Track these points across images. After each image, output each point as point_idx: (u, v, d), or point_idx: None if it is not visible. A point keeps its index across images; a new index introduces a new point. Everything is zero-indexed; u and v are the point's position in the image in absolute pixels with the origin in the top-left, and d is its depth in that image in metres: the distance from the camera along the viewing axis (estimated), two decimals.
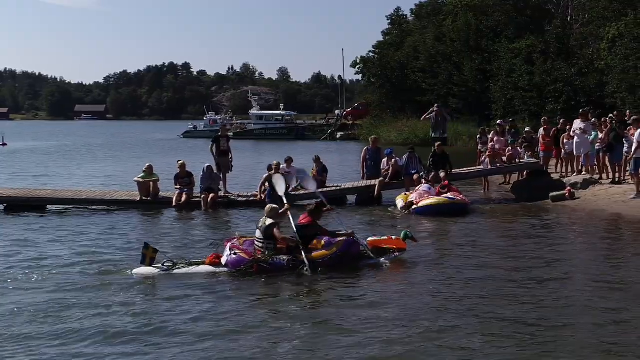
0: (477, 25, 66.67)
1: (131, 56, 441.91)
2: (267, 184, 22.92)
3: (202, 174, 24.16)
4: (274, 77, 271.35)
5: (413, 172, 24.56)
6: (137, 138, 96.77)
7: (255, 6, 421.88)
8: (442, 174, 24.03)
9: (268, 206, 15.19)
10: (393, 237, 15.36)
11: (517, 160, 26.21)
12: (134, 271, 14.13)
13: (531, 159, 26.28)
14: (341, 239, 14.81)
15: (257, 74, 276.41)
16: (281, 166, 24.25)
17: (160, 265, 14.19)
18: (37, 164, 49.07)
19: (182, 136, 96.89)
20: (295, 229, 14.91)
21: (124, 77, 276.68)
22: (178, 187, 23.95)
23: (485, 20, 66.72)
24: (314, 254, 14.41)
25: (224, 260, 14.22)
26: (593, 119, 26.57)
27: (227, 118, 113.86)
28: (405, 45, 79.97)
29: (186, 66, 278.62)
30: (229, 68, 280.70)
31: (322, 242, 14.89)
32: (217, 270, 14.21)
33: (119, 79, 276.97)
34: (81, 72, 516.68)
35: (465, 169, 26.92)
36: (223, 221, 22.30)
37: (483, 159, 26.95)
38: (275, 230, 14.32)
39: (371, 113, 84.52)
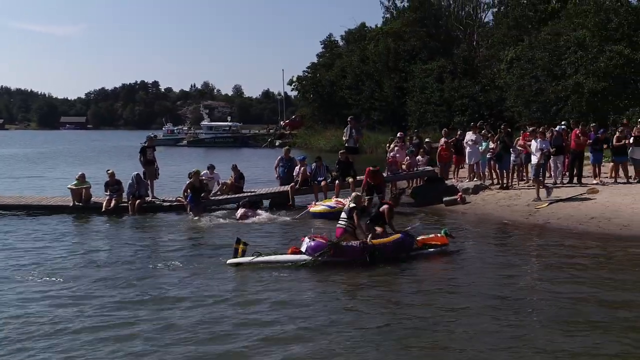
0: (396, 49, 66.08)
1: (108, 75, 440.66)
2: (189, 190, 21.81)
3: (130, 181, 22.68)
4: (230, 93, 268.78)
5: (320, 179, 23.45)
6: (106, 145, 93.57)
7: (215, 31, 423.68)
8: (350, 180, 22.88)
9: (354, 193, 16.19)
10: (438, 234, 15.37)
11: (416, 168, 24.76)
12: (229, 261, 14.01)
13: (427, 167, 24.95)
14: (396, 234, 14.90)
15: (215, 90, 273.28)
16: (203, 172, 23.85)
17: (250, 256, 13.99)
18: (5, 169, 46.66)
19: (143, 144, 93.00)
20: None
21: (102, 93, 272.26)
22: (108, 193, 22.56)
23: (402, 44, 66.01)
24: (375, 241, 14.41)
25: (304, 248, 14.12)
26: (483, 131, 25.20)
27: (184, 128, 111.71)
28: (334, 66, 79.15)
29: (155, 84, 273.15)
30: (191, 85, 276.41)
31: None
32: (300, 257, 14.04)
33: (98, 95, 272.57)
34: (66, 89, 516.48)
35: None
36: (147, 224, 20.67)
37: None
38: (355, 213, 14.66)
39: (305, 124, 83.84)
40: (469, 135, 24.51)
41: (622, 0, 36.67)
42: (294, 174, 24.05)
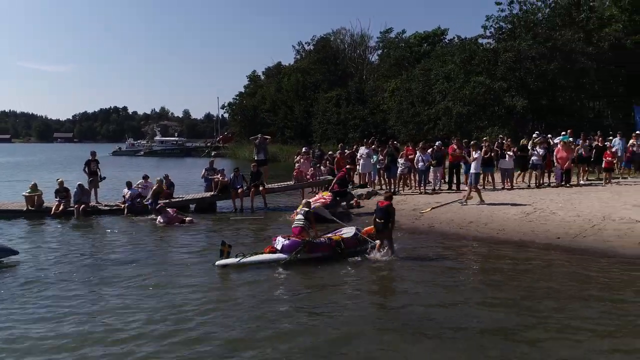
0: (303, 81, 63.72)
1: (89, 101, 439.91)
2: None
3: (74, 190, 19.82)
4: (181, 115, 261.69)
5: (238, 186, 20.29)
6: (81, 155, 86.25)
7: (169, 67, 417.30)
8: (261, 188, 20.24)
9: (304, 200, 14.27)
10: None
11: (318, 177, 21.54)
12: (217, 263, 11.56)
13: (328, 176, 21.58)
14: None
15: (170, 113, 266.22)
16: (139, 181, 21.04)
17: (234, 257, 11.64)
18: None
19: (111, 154, 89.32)
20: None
21: (85, 115, 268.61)
22: (57, 199, 19.94)
23: (309, 78, 63.75)
24: (336, 237, 12.64)
25: (279, 247, 11.94)
26: (373, 146, 22.06)
27: (142, 142, 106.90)
28: (257, 94, 75.73)
29: (125, 108, 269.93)
30: (152, 109, 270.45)
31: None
32: (280, 256, 11.79)
33: (82, 116, 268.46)
34: (58, 112, 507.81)
35: (277, 184, 21.97)
36: (88, 226, 17.80)
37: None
38: (310, 215, 12.85)
39: (234, 139, 79.62)
40: (362, 150, 21.67)
41: (478, 44, 34.52)
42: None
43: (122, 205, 19.76)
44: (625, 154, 20.97)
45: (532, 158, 20.25)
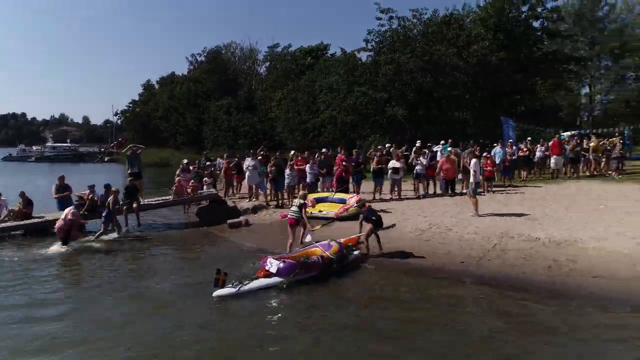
0: (195, 90, 58.65)
1: None
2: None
3: None
4: (80, 120, 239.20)
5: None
6: None
7: (70, 75, 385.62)
8: (134, 205, 15.78)
9: (302, 192, 12.43)
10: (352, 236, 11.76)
11: (200, 191, 17.80)
12: (215, 293, 8.87)
13: (211, 190, 17.93)
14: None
15: (70, 119, 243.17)
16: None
17: (230, 285, 9.01)
18: None
19: (1, 160, 78.26)
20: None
21: None
22: None
23: (201, 87, 58.72)
24: (325, 254, 10.35)
25: (274, 270, 9.41)
26: (259, 157, 18.62)
27: (34, 148, 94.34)
28: (150, 102, 68.98)
29: (24, 114, 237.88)
30: (51, 116, 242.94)
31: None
32: (277, 280, 9.34)
33: None
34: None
35: (154, 199, 17.80)
36: None
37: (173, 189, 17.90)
38: (303, 208, 11.37)
39: (127, 145, 72.83)
40: (248, 161, 17.97)
41: (356, 59, 31.91)
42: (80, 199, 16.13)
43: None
44: (503, 163, 19.16)
45: (416, 168, 17.87)
